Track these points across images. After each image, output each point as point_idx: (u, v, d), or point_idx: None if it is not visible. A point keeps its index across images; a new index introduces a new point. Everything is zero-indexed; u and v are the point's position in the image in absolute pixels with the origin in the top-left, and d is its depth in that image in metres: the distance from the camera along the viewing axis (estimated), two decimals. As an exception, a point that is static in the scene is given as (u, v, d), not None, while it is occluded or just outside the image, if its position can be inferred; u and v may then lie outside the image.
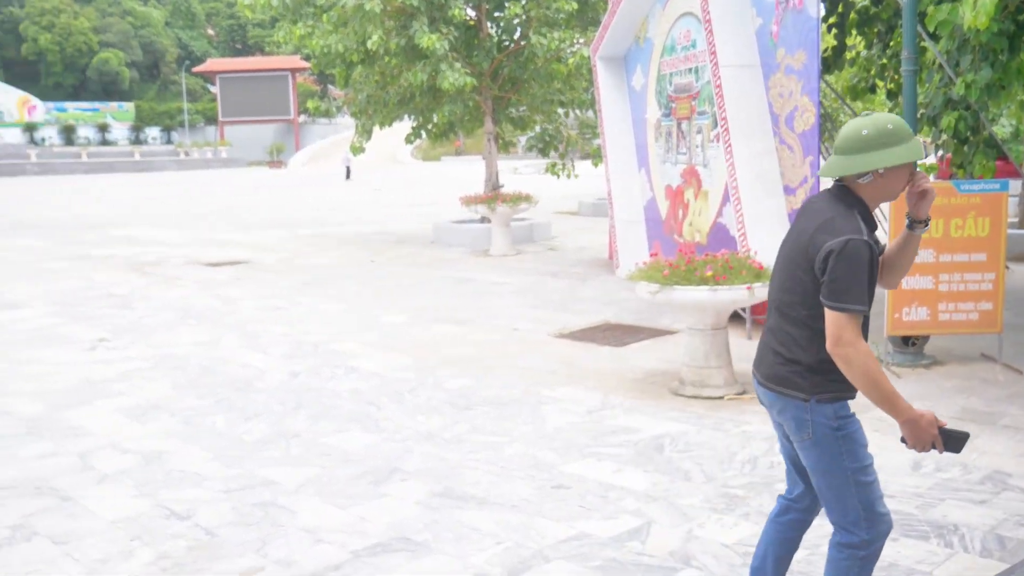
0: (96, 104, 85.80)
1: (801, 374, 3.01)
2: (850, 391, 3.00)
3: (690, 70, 10.04)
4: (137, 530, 4.63)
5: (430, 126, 18.62)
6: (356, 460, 5.60)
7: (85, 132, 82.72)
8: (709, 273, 6.60)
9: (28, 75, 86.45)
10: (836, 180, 3.06)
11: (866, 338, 2.95)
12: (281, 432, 6.21)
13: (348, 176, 47.22)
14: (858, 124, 2.94)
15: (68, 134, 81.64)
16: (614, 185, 12.42)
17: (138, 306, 11.35)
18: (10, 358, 8.61)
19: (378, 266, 14.63)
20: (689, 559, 4.14)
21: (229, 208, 29.44)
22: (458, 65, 15.37)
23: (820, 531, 3.80)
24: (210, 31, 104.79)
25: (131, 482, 5.32)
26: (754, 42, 8.94)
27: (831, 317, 2.87)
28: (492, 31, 17.54)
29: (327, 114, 19.44)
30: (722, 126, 8.97)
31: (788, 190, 8.59)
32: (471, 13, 17.17)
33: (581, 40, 16.21)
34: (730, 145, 8.84)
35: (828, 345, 2.88)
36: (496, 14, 17.50)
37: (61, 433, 6.31)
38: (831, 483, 3.04)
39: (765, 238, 8.44)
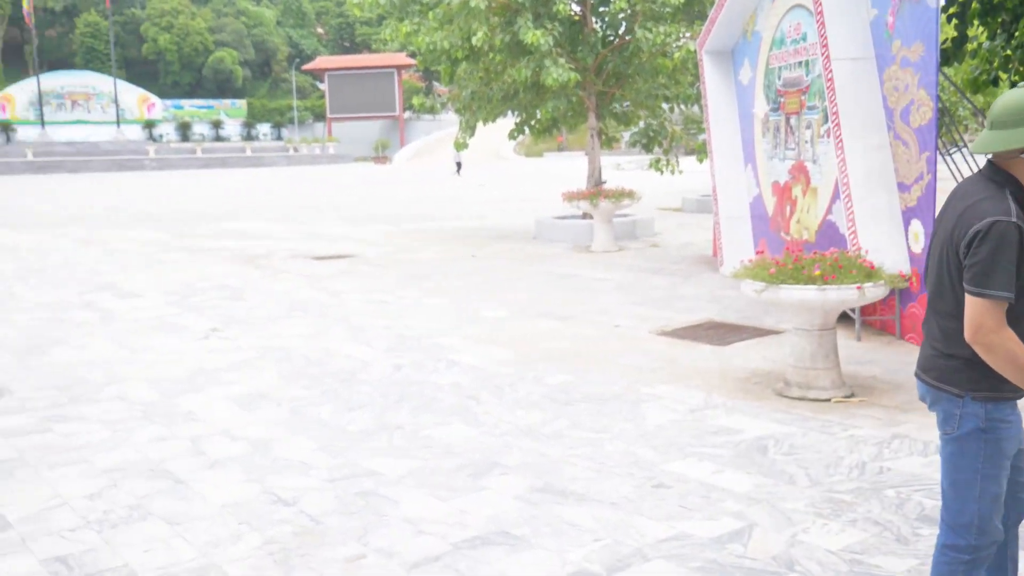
0: (211, 102, 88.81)
1: (959, 368, 2.86)
2: (1012, 391, 2.83)
3: (800, 63, 9.80)
4: (245, 515, 4.77)
5: (533, 122, 18.64)
6: (457, 453, 5.65)
7: (200, 129, 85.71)
8: (817, 272, 6.42)
9: (148, 74, 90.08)
10: (988, 158, 2.89)
11: (1021, 335, 2.77)
12: (384, 424, 6.31)
13: (459, 171, 47.51)
14: (1019, 94, 2.75)
15: (184, 131, 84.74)
16: (719, 181, 12.22)
17: (248, 298, 11.70)
18: (128, 346, 8.98)
19: (480, 261, 14.73)
20: (792, 564, 4.04)
21: (336, 203, 30.08)
22: (562, 61, 15.35)
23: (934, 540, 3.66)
24: (319, 29, 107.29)
25: (240, 468, 5.48)
26: (868, 34, 8.66)
27: (971, 304, 2.70)
28: (596, 26, 17.44)
29: (432, 110, 19.69)
30: (833, 121, 8.72)
31: (902, 187, 8.30)
32: (576, 8, 17.11)
33: (687, 34, 16.00)
34: (841, 140, 8.58)
35: (967, 334, 2.72)
36: (601, 9, 17.40)
37: (174, 419, 6.55)
38: (957, 481, 2.91)
39: (877, 237, 8.18)
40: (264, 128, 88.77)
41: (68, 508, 4.90)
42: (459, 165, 47.64)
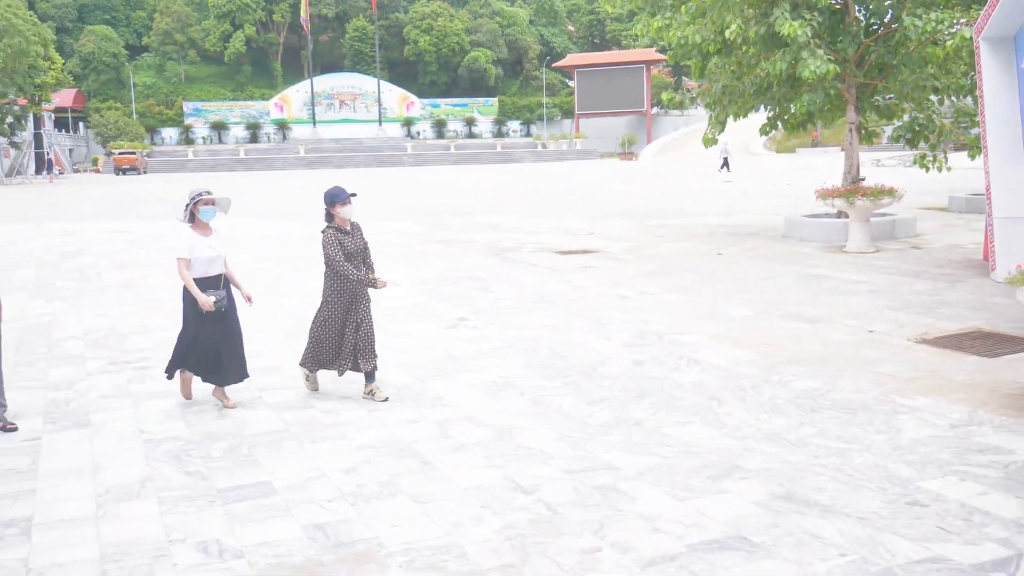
0: (465, 100, 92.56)
1: None
2: None
3: (1095, 49, 8.83)
4: (487, 499, 4.91)
5: (787, 116, 17.97)
6: (696, 453, 5.55)
7: (454, 126, 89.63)
8: (1109, 280, 5.77)
9: (408, 75, 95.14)
10: None
11: None
12: (623, 418, 6.30)
13: (726, 167, 46.65)
14: None
15: (439, 128, 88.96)
16: (995, 179, 11.26)
17: (496, 289, 12.06)
18: (385, 332, 9.50)
19: (725, 258, 14.41)
20: (1070, 602, 3.65)
21: (582, 198, 30.42)
22: (820, 52, 14.69)
23: None
24: (570, 27, 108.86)
25: (483, 454, 5.66)
26: None
27: None
28: (859, 14, 16.54)
29: (680, 106, 19.52)
30: None
31: None
32: (837, -3, 16.31)
33: (962, 20, 14.83)
34: None
35: None
36: (865, -4, 16.50)
37: (424, 402, 6.86)
38: None
39: None
40: (514, 125, 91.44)
41: (326, 480, 5.26)
42: (726, 161, 46.75)
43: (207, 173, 67.21)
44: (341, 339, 6.98)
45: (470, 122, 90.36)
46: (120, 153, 67.90)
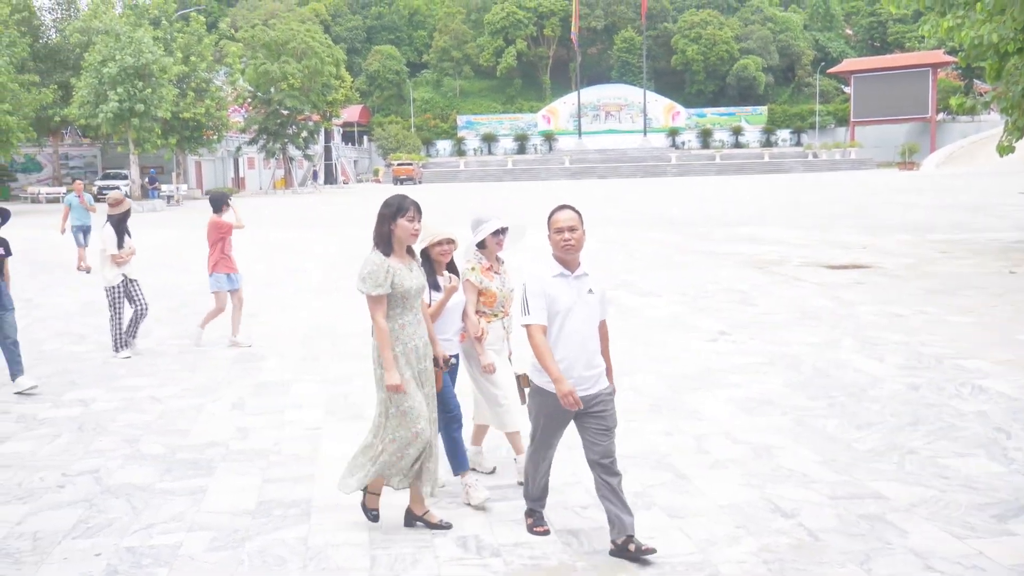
0: (732, 109, 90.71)
1: None
2: None
3: None
4: (742, 519, 4.75)
5: (1099, 121, 16.21)
6: (979, 489, 5.08)
7: (720, 136, 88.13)
8: None
9: (674, 84, 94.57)
10: None
11: None
12: (894, 445, 5.90)
13: None
14: None
15: (704, 138, 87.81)
16: None
17: (758, 302, 11.69)
18: (642, 341, 9.47)
19: (1019, 277, 13.15)
20: None
21: (855, 210, 28.91)
22: None
23: None
24: (848, 31, 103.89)
25: (740, 472, 5.49)
26: None
27: None
28: None
29: (971, 111, 18.04)
30: None
31: None
32: None
33: None
34: None
35: None
36: None
37: (680, 415, 6.76)
38: None
39: None
40: (783, 134, 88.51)
41: (582, 487, 5.29)
42: None
43: (476, 183, 70.15)
44: None
45: (737, 131, 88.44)
46: (399, 164, 72.36)
